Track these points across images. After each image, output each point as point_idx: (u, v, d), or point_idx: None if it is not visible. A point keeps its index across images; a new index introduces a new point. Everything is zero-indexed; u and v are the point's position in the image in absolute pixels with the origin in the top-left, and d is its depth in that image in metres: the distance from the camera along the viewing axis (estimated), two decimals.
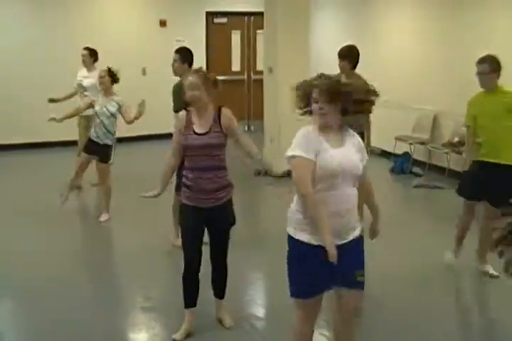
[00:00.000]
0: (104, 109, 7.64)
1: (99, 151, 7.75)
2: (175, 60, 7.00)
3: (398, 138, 10.53)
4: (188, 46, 12.52)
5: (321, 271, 3.79)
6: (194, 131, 4.72)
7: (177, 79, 7.00)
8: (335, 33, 12.68)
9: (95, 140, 7.74)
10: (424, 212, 8.65)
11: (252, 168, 4.83)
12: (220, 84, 4.90)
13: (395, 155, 10.56)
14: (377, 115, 8.68)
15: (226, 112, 4.81)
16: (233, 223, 4.96)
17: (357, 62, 7.11)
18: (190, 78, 4.71)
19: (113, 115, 7.68)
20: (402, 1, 10.86)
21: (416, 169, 10.20)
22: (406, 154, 10.41)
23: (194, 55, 12.90)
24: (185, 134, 4.71)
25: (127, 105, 7.71)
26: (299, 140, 3.81)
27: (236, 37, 13.79)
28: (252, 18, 13.55)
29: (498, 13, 8.89)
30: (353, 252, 3.86)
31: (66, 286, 5.96)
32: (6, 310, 5.61)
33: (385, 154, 10.65)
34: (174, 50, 7.05)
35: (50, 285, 5.95)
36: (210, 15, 13.31)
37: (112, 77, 7.72)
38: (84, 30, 11.79)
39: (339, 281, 3.86)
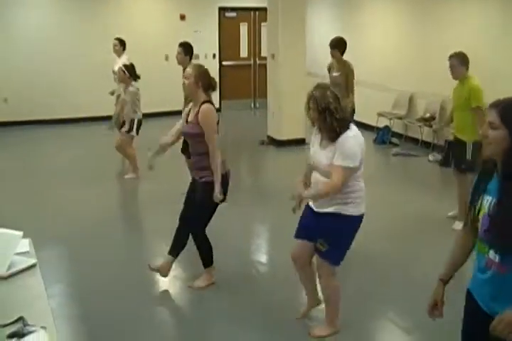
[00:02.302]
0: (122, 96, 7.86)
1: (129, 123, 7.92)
2: (179, 53, 6.85)
3: (380, 114, 10.45)
4: (204, 36, 12.53)
5: None
6: (187, 119, 4.59)
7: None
8: (326, 25, 12.53)
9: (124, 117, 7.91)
10: (400, 175, 8.62)
11: None
12: (215, 88, 4.58)
13: (377, 128, 10.48)
14: (363, 95, 8.76)
15: (203, 108, 4.41)
16: (198, 203, 4.60)
17: (344, 50, 7.47)
18: (188, 69, 4.54)
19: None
20: None
21: (394, 140, 10.15)
22: (386, 127, 10.34)
23: (209, 43, 12.94)
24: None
25: (134, 95, 7.73)
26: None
27: (244, 28, 13.62)
28: (258, 12, 13.34)
29: (464, 9, 8.76)
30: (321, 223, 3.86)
31: (103, 235, 6.01)
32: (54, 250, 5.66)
33: (368, 127, 10.61)
34: (178, 44, 6.88)
35: (89, 235, 6.00)
36: (222, 10, 13.12)
37: (127, 72, 7.67)
38: (118, 23, 11.66)
39: None
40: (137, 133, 7.88)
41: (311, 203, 3.92)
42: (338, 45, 7.40)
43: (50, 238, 5.75)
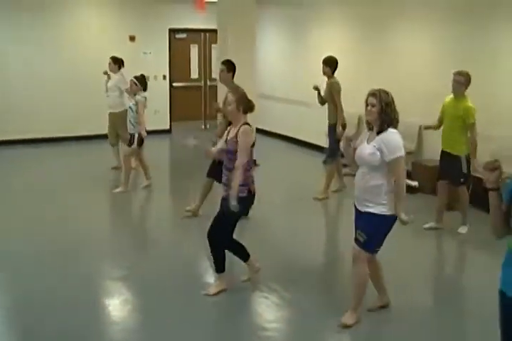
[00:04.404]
0: (129, 104, 8.28)
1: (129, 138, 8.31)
2: (221, 70, 6.95)
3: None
4: (154, 57, 12.50)
5: None
6: (226, 138, 4.99)
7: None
8: (277, 47, 12.71)
9: (129, 131, 8.29)
10: (348, 194, 8.65)
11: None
12: (253, 110, 5.01)
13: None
14: (312, 116, 8.89)
15: (243, 128, 4.86)
16: (231, 216, 4.89)
17: (335, 68, 7.92)
18: (228, 95, 4.98)
19: (131, 109, 8.12)
20: (334, 23, 10.90)
21: (343, 160, 10.21)
22: None
23: (159, 65, 12.91)
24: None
25: (143, 104, 8.08)
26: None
27: (194, 50, 13.68)
28: (208, 34, 13.42)
29: (409, 34, 9.02)
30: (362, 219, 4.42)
31: (53, 258, 5.86)
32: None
33: (317, 148, 10.73)
34: (221, 61, 7.12)
35: (37, 257, 5.86)
36: (173, 31, 13.13)
37: (139, 84, 8.09)
38: (67, 46, 11.69)
39: None
40: (139, 147, 8.23)
41: (355, 202, 4.49)
42: (330, 63, 7.87)
43: None
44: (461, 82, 6.34)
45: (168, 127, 13.24)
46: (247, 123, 4.92)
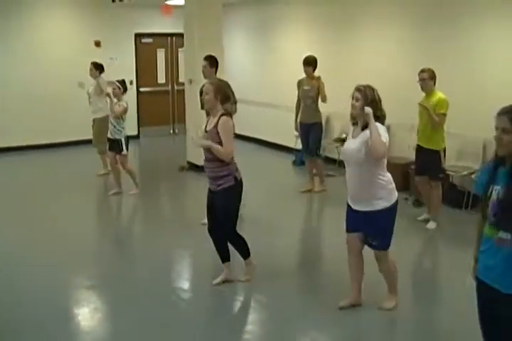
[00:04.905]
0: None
1: (114, 145, 8.11)
2: (204, 66, 7.10)
3: (298, 136, 10.54)
4: (119, 63, 12.36)
5: None
6: (205, 128, 5.02)
7: None
8: (244, 49, 12.72)
9: (109, 136, 8.13)
10: (321, 194, 8.64)
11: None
12: (232, 100, 5.07)
13: (296, 150, 10.57)
14: (280, 117, 8.89)
15: (222, 119, 4.87)
16: (224, 210, 4.99)
17: (316, 67, 8.23)
18: (206, 85, 5.01)
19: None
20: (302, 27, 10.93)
21: None
22: None
23: (126, 70, 12.81)
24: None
25: (125, 109, 8.00)
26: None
27: (161, 54, 13.57)
28: (174, 38, 13.34)
29: (373, 35, 9.07)
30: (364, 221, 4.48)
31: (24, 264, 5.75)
32: None
33: (287, 149, 10.73)
34: (203, 57, 7.27)
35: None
36: (139, 36, 13.04)
37: (121, 88, 8.04)
38: (30, 51, 11.50)
39: None
40: (127, 149, 8.16)
41: (349, 202, 4.54)
42: (312, 63, 8.14)
43: None
44: (425, 77, 6.43)
45: (136, 133, 13.13)
46: (226, 114, 4.93)
